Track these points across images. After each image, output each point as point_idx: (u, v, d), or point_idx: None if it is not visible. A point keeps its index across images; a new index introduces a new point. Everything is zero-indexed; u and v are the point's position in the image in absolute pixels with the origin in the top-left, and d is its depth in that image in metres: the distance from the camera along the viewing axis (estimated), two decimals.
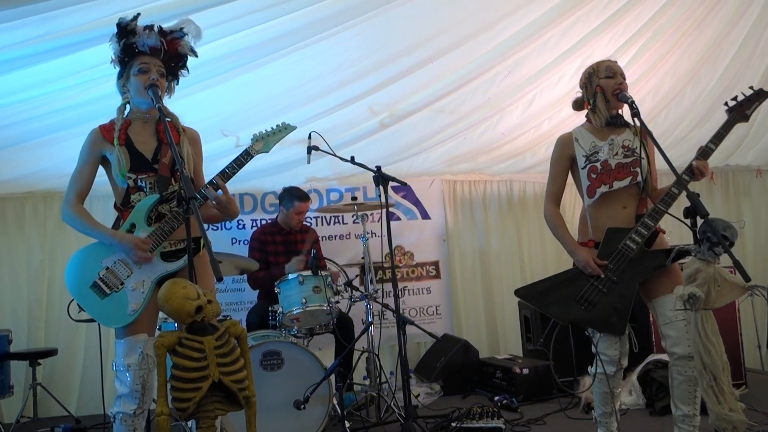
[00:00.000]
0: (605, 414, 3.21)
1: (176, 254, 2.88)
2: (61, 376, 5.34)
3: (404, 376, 3.71)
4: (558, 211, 3.31)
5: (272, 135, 3.13)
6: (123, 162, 2.82)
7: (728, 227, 2.77)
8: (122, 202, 2.89)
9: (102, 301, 2.77)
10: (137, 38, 2.87)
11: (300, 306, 4.22)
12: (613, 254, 3.02)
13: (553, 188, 3.33)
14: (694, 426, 2.99)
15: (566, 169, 3.31)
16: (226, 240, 5.76)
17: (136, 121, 2.94)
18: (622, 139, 3.15)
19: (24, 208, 5.47)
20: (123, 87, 2.95)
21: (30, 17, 3.44)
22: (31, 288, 5.39)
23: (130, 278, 2.80)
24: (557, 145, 3.33)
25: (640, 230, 2.99)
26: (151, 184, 2.86)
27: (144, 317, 2.80)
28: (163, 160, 2.88)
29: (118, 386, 2.78)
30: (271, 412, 3.81)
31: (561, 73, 5.17)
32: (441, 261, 6.26)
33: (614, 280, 3.01)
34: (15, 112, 4.30)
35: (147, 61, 2.89)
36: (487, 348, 6.18)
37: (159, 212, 2.87)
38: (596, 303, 3.03)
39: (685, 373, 2.95)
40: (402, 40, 4.58)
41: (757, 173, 7.01)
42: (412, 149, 5.76)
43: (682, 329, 2.93)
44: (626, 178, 3.09)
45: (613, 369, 3.11)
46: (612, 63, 3.21)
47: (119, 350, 2.79)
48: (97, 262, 2.81)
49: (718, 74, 5.42)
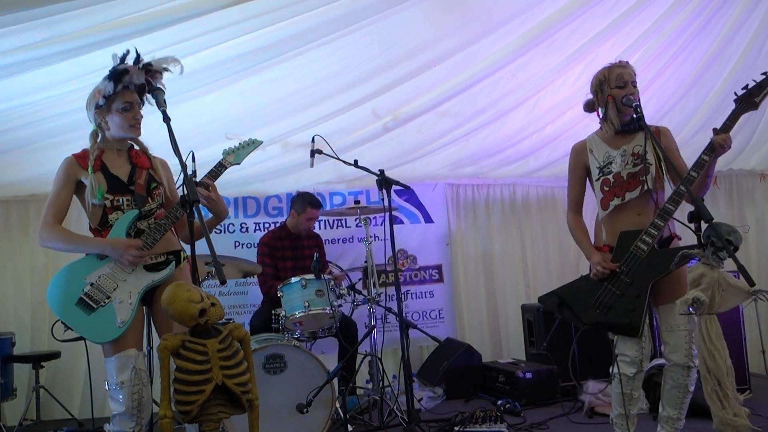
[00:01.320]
0: (621, 416, 3.17)
1: (158, 267, 2.92)
2: (64, 379, 5.34)
3: (407, 380, 3.71)
4: (577, 218, 3.36)
5: (242, 149, 3.29)
6: (97, 186, 2.87)
7: (732, 232, 2.77)
8: (100, 222, 2.92)
9: (89, 316, 2.77)
10: (127, 77, 2.91)
11: (303, 309, 4.22)
12: (626, 256, 3.03)
13: (571, 195, 3.38)
14: (676, 428, 3.07)
15: (582, 177, 3.34)
16: (230, 243, 5.76)
17: (109, 150, 3.01)
18: (633, 146, 3.14)
19: (28, 210, 5.48)
20: (100, 118, 2.97)
21: (34, 21, 3.45)
22: (35, 291, 5.39)
23: (116, 291, 2.81)
24: (572, 153, 3.36)
25: (650, 231, 3.00)
26: (128, 202, 2.92)
27: (131, 332, 2.81)
28: (139, 181, 2.97)
29: (112, 405, 2.78)
30: (274, 416, 3.80)
31: (565, 76, 5.17)
32: (444, 265, 6.25)
33: (627, 281, 3.02)
34: (19, 115, 4.31)
35: (131, 99, 2.96)
36: (490, 352, 6.16)
37: (138, 228, 2.91)
38: (612, 306, 3.05)
39: (677, 380, 3.02)
40: (405, 43, 4.58)
41: (760, 177, 6.98)
42: (416, 153, 5.76)
43: (682, 339, 2.96)
44: (636, 188, 3.10)
45: (633, 370, 3.07)
46: (623, 70, 3.19)
47: (110, 369, 2.79)
48: (80, 279, 2.82)
49: (722, 78, 5.41)
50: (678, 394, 3.01)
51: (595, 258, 3.13)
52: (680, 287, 3.02)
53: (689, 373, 2.98)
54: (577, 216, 3.35)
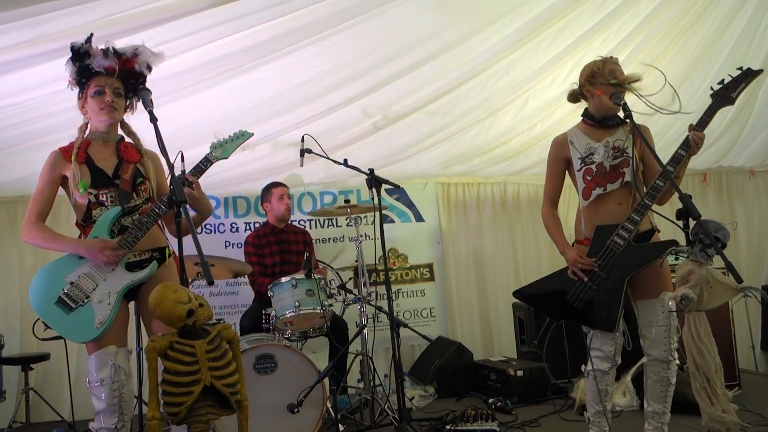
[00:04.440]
0: (598, 413, 3.22)
1: (141, 264, 2.90)
2: (54, 380, 5.30)
3: (398, 379, 3.70)
4: (552, 211, 3.35)
5: (230, 142, 3.17)
6: (80, 178, 2.84)
7: (720, 229, 2.79)
8: (84, 218, 2.90)
9: (68, 316, 2.76)
10: (92, 60, 2.89)
11: (293, 309, 4.21)
12: (602, 251, 3.04)
13: (549, 189, 3.38)
14: (663, 423, 3.08)
15: (562, 170, 3.34)
16: (220, 243, 5.74)
17: (95, 141, 2.98)
18: (614, 139, 3.16)
19: (16, 211, 5.44)
20: (82, 108, 2.98)
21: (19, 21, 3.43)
22: (23, 292, 5.34)
23: (95, 291, 2.79)
24: (552, 146, 3.35)
25: (627, 226, 3.01)
26: (112, 198, 2.89)
27: (112, 330, 2.79)
28: (124, 176, 2.93)
29: (95, 402, 2.77)
30: (264, 416, 3.79)
31: (554, 75, 5.17)
32: (435, 263, 6.25)
33: (603, 276, 3.04)
34: (6, 116, 4.27)
35: (102, 83, 2.92)
36: (482, 350, 6.17)
37: (122, 225, 2.89)
38: (587, 300, 3.08)
39: (658, 374, 3.05)
40: (395, 42, 4.57)
41: (750, 174, 7.03)
42: (406, 152, 5.76)
43: (660, 333, 2.99)
44: (617, 180, 3.11)
45: (607, 365, 3.13)
46: (616, 67, 3.19)
47: (91, 366, 2.78)
48: (60, 278, 2.81)
49: (711, 75, 5.42)
50: (660, 388, 3.04)
51: (570, 255, 3.15)
52: (658, 283, 3.05)
53: (669, 366, 3.01)
54: (552, 209, 3.35)
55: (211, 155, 3.08)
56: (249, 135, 3.24)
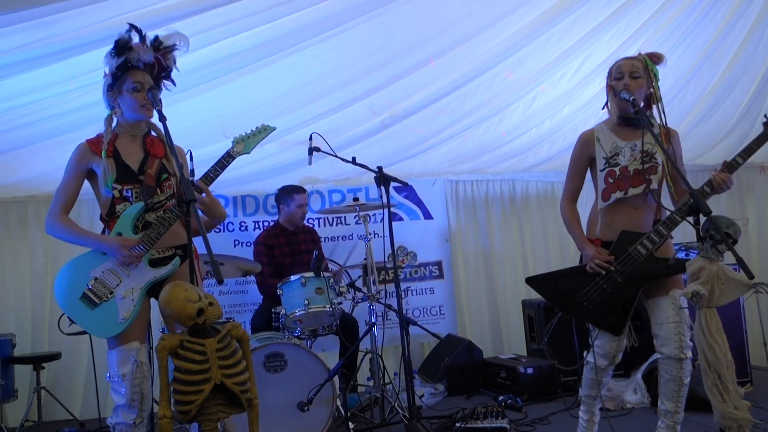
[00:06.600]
0: (590, 396, 3.29)
1: (164, 261, 2.90)
2: (65, 379, 5.33)
3: (408, 377, 3.70)
4: (572, 207, 3.33)
5: (252, 137, 3.09)
6: (109, 172, 2.84)
7: (731, 225, 2.76)
8: (108, 212, 2.90)
9: (92, 311, 2.78)
10: (133, 54, 2.87)
11: (303, 307, 4.22)
12: (623, 256, 3.02)
13: (570, 186, 3.35)
14: (675, 422, 3.07)
15: (585, 168, 3.31)
16: (229, 242, 5.75)
17: (123, 135, 2.97)
18: (644, 143, 3.10)
19: (27, 211, 5.46)
20: (113, 101, 2.95)
21: (29, 21, 3.44)
22: (35, 292, 5.38)
23: (120, 287, 2.81)
24: (578, 143, 3.31)
25: (652, 237, 2.99)
26: (137, 193, 2.88)
27: (135, 325, 2.81)
28: (149, 171, 2.91)
29: (114, 397, 2.78)
30: (274, 414, 3.80)
31: (562, 71, 5.16)
32: (444, 261, 6.24)
33: (619, 281, 3.02)
34: (17, 116, 4.30)
35: (141, 80, 2.90)
36: (491, 348, 6.16)
37: (146, 220, 2.88)
38: (598, 300, 3.08)
39: (670, 372, 3.02)
40: (402, 40, 4.57)
41: (761, 170, 6.97)
42: (414, 149, 5.75)
43: (672, 331, 2.97)
44: (640, 185, 3.07)
45: (606, 363, 3.17)
46: (622, 62, 3.15)
47: (112, 361, 2.79)
48: (85, 274, 2.82)
49: (720, 71, 5.39)
50: (673, 387, 3.01)
51: (589, 251, 3.12)
52: (670, 282, 3.02)
53: (682, 365, 2.98)
54: (572, 204, 3.32)
55: (233, 150, 3.02)
56: (272, 129, 3.16)
